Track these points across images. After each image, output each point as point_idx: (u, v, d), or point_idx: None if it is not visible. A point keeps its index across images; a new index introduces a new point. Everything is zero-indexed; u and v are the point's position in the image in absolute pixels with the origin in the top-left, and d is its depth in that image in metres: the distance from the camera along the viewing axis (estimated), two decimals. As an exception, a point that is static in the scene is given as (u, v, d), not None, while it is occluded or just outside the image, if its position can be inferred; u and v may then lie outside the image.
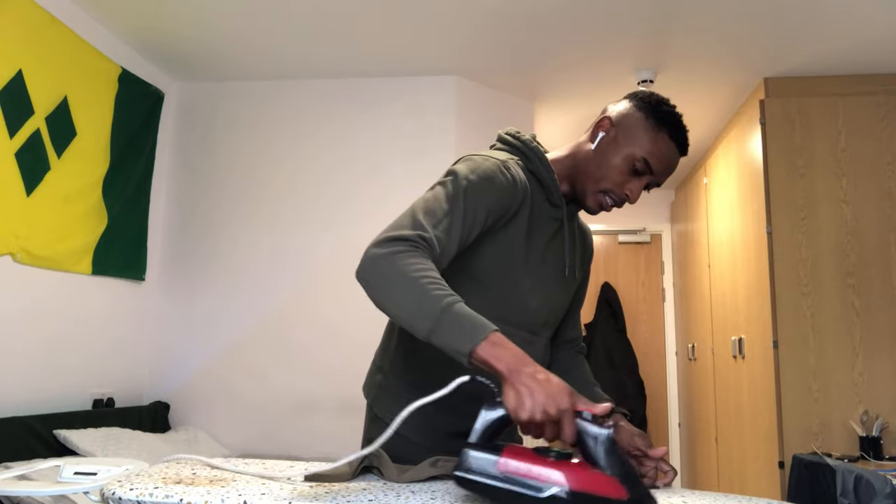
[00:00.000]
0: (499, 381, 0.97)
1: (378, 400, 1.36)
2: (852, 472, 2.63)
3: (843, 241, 3.37)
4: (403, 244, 1.08)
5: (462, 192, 1.17)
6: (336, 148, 3.76)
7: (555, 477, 0.87)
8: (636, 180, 1.26)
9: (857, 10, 2.98)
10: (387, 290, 1.05)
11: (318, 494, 0.94)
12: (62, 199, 2.96)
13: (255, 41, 3.39)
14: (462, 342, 0.98)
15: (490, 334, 0.99)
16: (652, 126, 1.25)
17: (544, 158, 1.31)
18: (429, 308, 1.01)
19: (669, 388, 5.70)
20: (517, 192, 1.24)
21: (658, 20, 3.10)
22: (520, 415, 0.92)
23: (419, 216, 1.13)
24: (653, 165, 1.25)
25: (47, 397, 2.91)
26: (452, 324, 1.00)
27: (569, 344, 1.52)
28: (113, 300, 3.35)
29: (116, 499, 0.92)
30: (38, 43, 2.81)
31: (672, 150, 1.26)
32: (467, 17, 3.12)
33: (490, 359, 0.97)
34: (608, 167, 1.26)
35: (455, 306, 1.01)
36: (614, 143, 1.27)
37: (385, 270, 1.05)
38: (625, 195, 1.27)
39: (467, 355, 0.98)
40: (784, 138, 3.47)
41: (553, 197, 1.31)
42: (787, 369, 3.29)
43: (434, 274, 1.05)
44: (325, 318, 3.60)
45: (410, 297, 1.02)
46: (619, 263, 5.92)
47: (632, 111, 1.28)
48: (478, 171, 1.20)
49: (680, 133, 1.26)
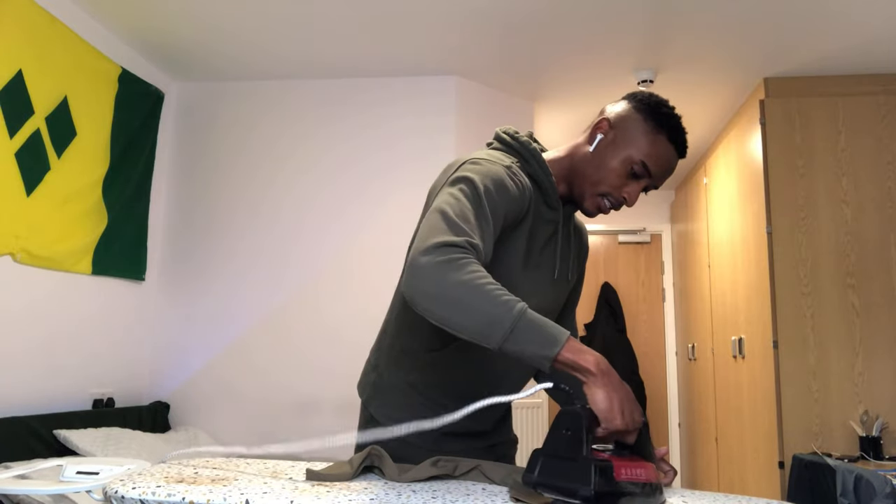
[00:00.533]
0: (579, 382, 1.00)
1: (373, 399, 1.35)
2: (852, 472, 2.63)
3: (843, 241, 3.37)
4: (456, 251, 1.03)
5: (483, 199, 1.14)
6: (336, 148, 3.76)
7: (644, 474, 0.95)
8: (634, 183, 1.25)
9: (857, 10, 2.98)
10: (450, 302, 0.99)
11: (320, 493, 0.94)
12: (62, 199, 2.96)
13: (256, 41, 3.39)
14: (547, 346, 0.97)
15: (569, 337, 0.99)
16: (651, 129, 1.23)
17: (542, 161, 1.30)
18: (504, 315, 0.98)
19: (669, 388, 5.70)
20: (525, 199, 1.23)
21: (658, 20, 3.11)
22: (617, 421, 0.95)
23: (458, 222, 1.07)
24: (651, 168, 1.24)
25: (47, 397, 2.91)
26: (531, 329, 0.98)
27: None
28: (113, 300, 3.35)
29: (119, 497, 0.92)
30: (38, 43, 2.81)
31: (670, 153, 1.25)
32: (467, 18, 3.12)
33: (577, 358, 0.97)
34: (606, 170, 1.25)
35: (529, 313, 0.99)
36: (612, 145, 1.25)
37: (443, 281, 1.00)
38: (623, 198, 1.26)
39: (552, 359, 0.98)
40: (784, 138, 3.47)
41: (550, 200, 1.29)
42: (787, 369, 3.29)
43: (492, 279, 1.02)
44: (326, 318, 3.60)
45: (481, 306, 0.99)
46: (619, 263, 5.92)
47: (631, 113, 1.26)
48: (491, 178, 1.17)
49: (679, 135, 1.25)
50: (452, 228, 1.06)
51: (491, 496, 0.97)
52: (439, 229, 1.05)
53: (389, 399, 1.33)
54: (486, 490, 1.01)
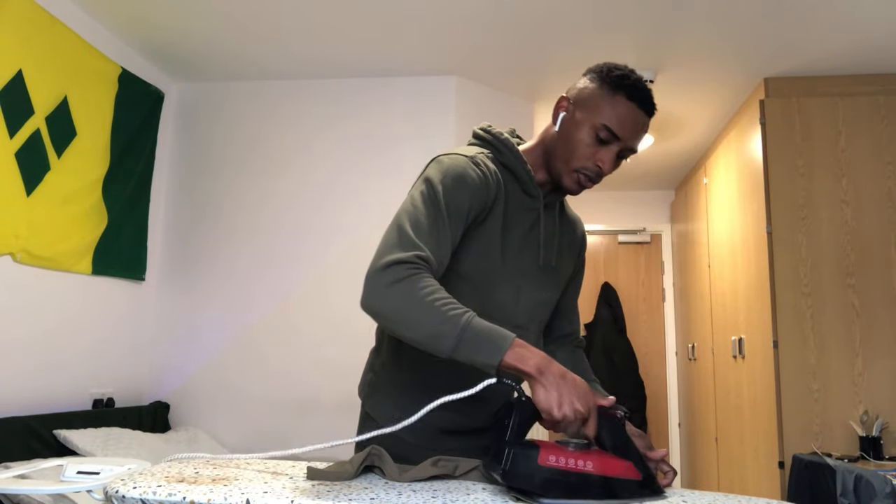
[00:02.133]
0: (525, 381, 1.04)
1: (369, 398, 1.38)
2: (852, 472, 2.63)
3: (843, 241, 3.37)
4: (403, 268, 1.08)
5: (440, 198, 1.18)
6: (336, 147, 3.76)
7: (588, 465, 0.98)
8: (605, 149, 1.25)
9: (857, 10, 2.98)
10: (400, 318, 1.06)
11: (321, 493, 0.94)
12: (62, 199, 2.96)
13: (256, 41, 3.39)
14: (490, 355, 1.03)
15: (513, 342, 1.04)
16: (607, 92, 1.24)
17: (515, 150, 1.32)
18: (448, 328, 1.04)
19: (669, 388, 5.70)
20: (490, 187, 1.25)
21: (658, 20, 3.11)
22: (554, 413, 1.00)
23: (409, 231, 1.13)
24: (616, 131, 1.24)
25: (47, 397, 2.91)
26: (475, 339, 1.04)
27: (566, 338, 1.52)
28: (113, 300, 3.35)
29: (120, 497, 0.92)
30: (38, 43, 2.81)
31: (633, 111, 1.24)
32: (467, 18, 3.12)
33: (518, 363, 1.02)
34: (574, 143, 1.26)
35: (473, 322, 1.05)
36: (575, 119, 1.27)
37: (394, 299, 1.07)
38: (597, 167, 1.26)
39: (496, 366, 1.03)
40: (784, 138, 3.47)
41: (528, 187, 1.31)
42: (787, 369, 3.30)
43: (442, 293, 1.08)
44: (326, 317, 3.60)
45: (427, 321, 1.05)
46: (619, 263, 5.92)
47: (586, 84, 1.28)
48: (449, 173, 1.21)
49: (637, 92, 1.25)
50: (403, 244, 1.12)
51: (491, 496, 0.97)
52: (392, 245, 1.12)
53: (385, 398, 1.35)
54: (487, 490, 1.01)
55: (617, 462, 1.00)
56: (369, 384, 1.39)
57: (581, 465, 0.98)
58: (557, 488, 0.96)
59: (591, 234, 5.94)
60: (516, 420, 1.00)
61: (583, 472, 0.97)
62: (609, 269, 5.92)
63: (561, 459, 0.97)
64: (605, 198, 5.99)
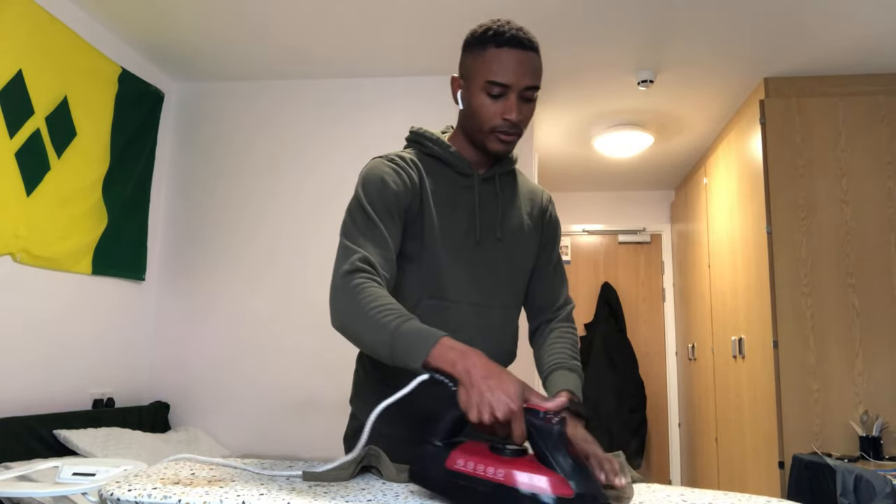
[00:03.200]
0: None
1: (354, 399, 1.42)
2: (852, 472, 2.63)
3: (843, 241, 3.37)
4: (349, 279, 1.14)
5: (365, 203, 1.24)
6: (336, 148, 3.76)
7: (500, 474, 0.88)
8: (503, 102, 1.27)
9: (856, 10, 2.97)
10: (353, 335, 1.12)
11: (317, 494, 0.94)
12: (62, 199, 2.96)
13: (256, 41, 3.39)
14: (413, 358, 1.04)
15: (439, 341, 1.03)
16: (478, 52, 1.28)
17: (434, 137, 1.37)
18: (383, 337, 1.07)
19: (669, 388, 5.69)
20: (407, 176, 1.30)
21: (658, 21, 3.10)
22: (471, 416, 0.96)
23: (347, 243, 1.20)
24: (501, 80, 1.25)
25: (47, 397, 2.91)
26: (403, 344, 1.05)
27: (547, 308, 1.47)
28: (113, 300, 3.35)
29: (115, 500, 0.92)
30: (38, 43, 2.81)
31: (508, 54, 1.26)
32: (467, 18, 3.12)
33: (442, 365, 1.01)
34: (476, 110, 1.29)
35: (402, 327, 1.06)
36: (467, 90, 1.30)
37: (344, 316, 1.12)
38: (506, 120, 1.28)
39: (420, 369, 1.03)
40: (784, 138, 3.47)
41: (459, 167, 1.35)
42: (787, 369, 3.29)
43: (380, 300, 1.11)
44: (326, 318, 3.60)
45: (368, 333, 1.09)
46: (619, 263, 5.92)
47: (462, 57, 1.33)
48: (367, 179, 1.27)
49: (502, 37, 1.26)
50: (344, 256, 1.18)
51: (487, 497, 0.97)
52: (337, 261, 1.19)
53: (365, 396, 1.38)
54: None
55: (547, 475, 0.87)
56: (354, 385, 1.44)
57: (490, 472, 0.89)
58: (463, 496, 0.89)
59: (591, 234, 5.94)
60: (444, 418, 0.98)
61: (490, 480, 0.88)
62: (609, 269, 5.91)
63: (469, 464, 0.90)
64: (605, 198, 5.99)
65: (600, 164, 5.20)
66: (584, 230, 5.96)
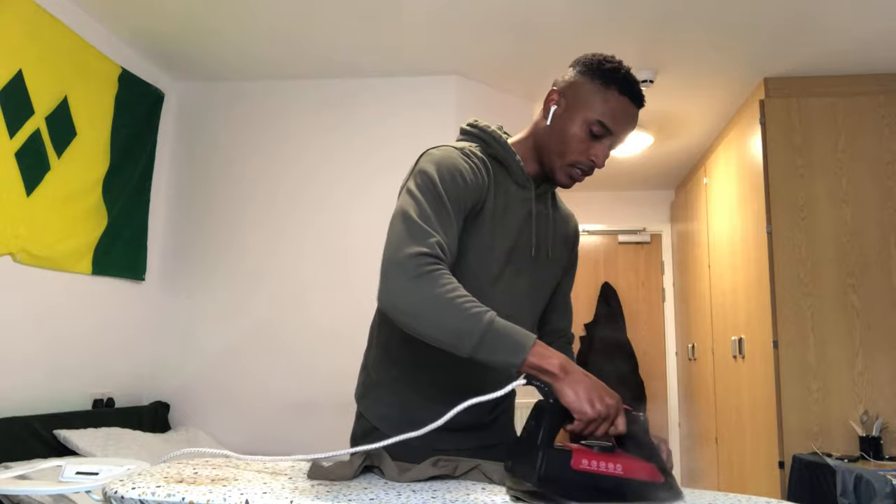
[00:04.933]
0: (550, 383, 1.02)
1: (363, 398, 1.38)
2: (852, 472, 2.63)
3: (843, 241, 3.37)
4: (423, 261, 1.07)
5: (440, 189, 1.18)
6: (336, 148, 3.76)
7: (618, 468, 0.97)
8: (598, 144, 1.25)
9: (856, 10, 2.98)
10: (422, 315, 1.06)
11: (320, 493, 0.94)
12: (62, 199, 2.96)
13: (256, 41, 3.39)
14: (513, 354, 1.03)
15: (535, 342, 1.04)
16: (599, 87, 1.24)
17: (503, 141, 1.32)
18: (471, 326, 1.04)
19: (669, 388, 5.70)
20: (481, 176, 1.25)
21: (658, 20, 3.10)
22: (588, 411, 0.98)
23: (419, 221, 1.12)
24: (610, 125, 1.23)
25: (47, 397, 2.90)
26: (498, 339, 1.03)
27: (556, 333, 1.51)
28: (113, 300, 3.35)
29: (119, 498, 0.92)
30: (38, 43, 2.81)
31: (626, 105, 1.24)
32: (467, 18, 3.12)
33: (541, 363, 1.02)
34: (567, 138, 1.25)
35: (496, 321, 1.05)
36: (567, 112, 1.26)
37: (414, 295, 1.06)
38: (591, 161, 1.26)
39: (518, 366, 1.03)
40: (784, 138, 3.47)
41: (519, 178, 1.31)
42: (787, 369, 3.29)
43: (462, 290, 1.07)
44: (327, 317, 3.59)
45: (449, 320, 1.04)
46: (619, 263, 5.92)
47: (577, 77, 1.27)
48: (443, 164, 1.21)
49: (628, 86, 1.24)
50: (416, 236, 1.10)
51: (491, 496, 0.97)
52: (404, 238, 1.09)
53: (378, 397, 1.36)
54: (486, 490, 1.01)
55: (642, 465, 0.99)
56: (362, 384, 1.40)
57: (612, 468, 0.97)
58: (589, 492, 0.95)
59: (591, 234, 5.94)
60: (547, 423, 0.99)
61: (613, 475, 0.97)
62: (609, 269, 5.91)
63: (593, 463, 0.97)
64: (605, 198, 5.99)
65: (600, 164, 5.20)
66: (583, 230, 5.96)
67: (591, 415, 0.98)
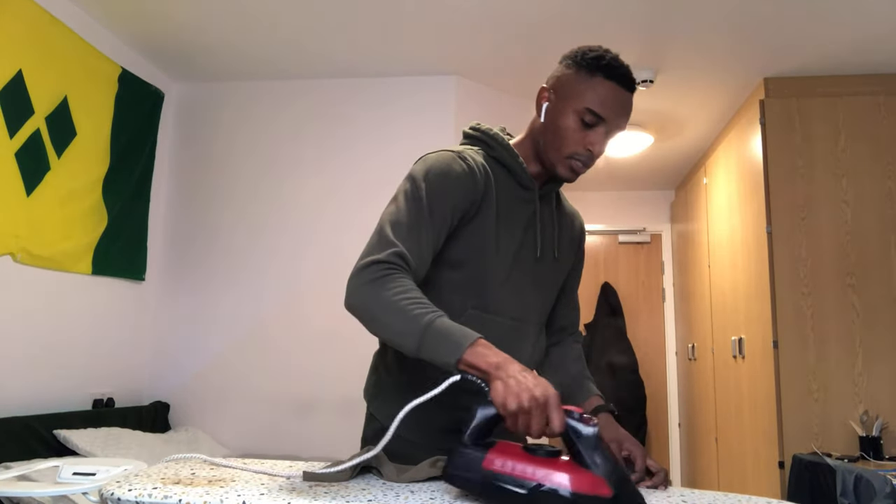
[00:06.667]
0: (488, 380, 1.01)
1: (374, 400, 1.39)
2: (852, 472, 2.63)
3: (843, 241, 3.36)
4: (378, 268, 1.12)
5: (423, 194, 1.19)
6: (336, 148, 3.76)
7: (539, 474, 0.88)
8: (592, 132, 1.25)
9: (856, 10, 2.97)
10: (373, 319, 1.10)
11: (318, 494, 0.94)
12: (62, 199, 2.96)
13: (256, 41, 3.39)
14: (449, 354, 1.03)
15: (476, 341, 1.04)
16: (584, 76, 1.24)
17: (505, 143, 1.33)
18: (412, 328, 1.06)
19: (669, 388, 5.69)
20: (478, 179, 1.25)
21: (658, 20, 3.10)
22: (508, 404, 0.94)
23: (388, 232, 1.16)
24: (600, 112, 1.23)
25: (47, 397, 2.91)
26: (437, 339, 1.05)
27: (564, 331, 1.51)
28: (113, 300, 3.35)
29: (115, 499, 0.92)
30: (38, 43, 2.81)
31: (614, 90, 1.24)
32: (467, 18, 3.12)
33: (477, 361, 1.01)
34: (562, 131, 1.26)
35: (436, 322, 1.06)
36: (558, 106, 1.27)
37: (367, 300, 1.11)
38: (588, 151, 1.26)
39: (454, 365, 1.03)
40: (784, 138, 3.47)
41: (522, 180, 1.32)
42: (787, 369, 3.29)
43: (412, 293, 1.10)
44: (327, 317, 3.59)
45: (395, 322, 1.08)
46: (619, 263, 5.92)
47: (563, 71, 1.28)
48: (433, 169, 1.22)
49: (615, 70, 1.24)
50: (382, 244, 1.15)
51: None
52: (372, 247, 1.16)
53: (387, 398, 1.36)
54: (484, 491, 1.01)
55: (584, 475, 0.88)
56: (373, 385, 1.40)
57: (529, 472, 0.88)
58: (501, 496, 0.89)
59: (591, 234, 5.94)
60: (476, 418, 0.97)
61: (531, 480, 0.87)
62: (609, 269, 5.91)
63: (507, 464, 0.89)
64: (605, 198, 5.99)
65: (600, 163, 5.20)
66: (584, 230, 5.95)
67: (511, 408, 0.94)
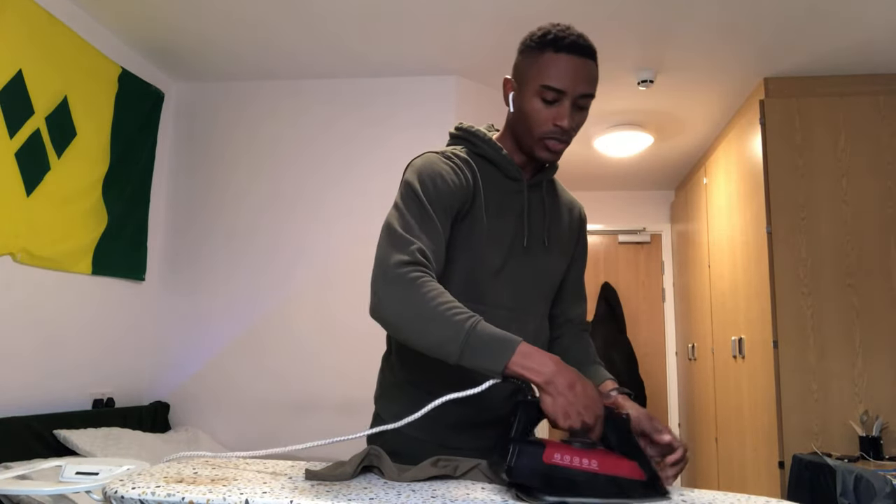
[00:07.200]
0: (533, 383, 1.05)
1: (380, 398, 1.41)
2: (852, 472, 2.63)
3: (843, 241, 3.37)
4: (406, 270, 1.10)
5: (420, 195, 1.21)
6: (336, 148, 3.76)
7: (593, 464, 1.00)
8: (557, 108, 1.25)
9: (856, 10, 2.98)
10: (407, 326, 1.08)
11: (320, 493, 0.94)
12: (62, 199, 2.96)
13: (256, 41, 3.39)
14: (494, 362, 1.03)
15: (518, 347, 1.04)
16: (535, 55, 1.25)
17: (487, 138, 1.35)
18: (453, 334, 1.05)
19: (669, 388, 5.70)
20: (463, 175, 1.28)
21: (658, 20, 3.10)
22: (560, 423, 1.01)
23: (400, 232, 1.15)
24: (557, 85, 1.23)
25: (47, 397, 2.91)
26: (479, 346, 1.04)
27: (571, 322, 1.51)
28: (113, 300, 3.35)
29: (119, 498, 0.92)
30: (38, 43, 2.81)
31: (566, 60, 1.23)
32: (467, 18, 3.12)
33: (524, 372, 1.02)
34: (528, 114, 1.26)
35: (478, 327, 1.05)
36: (520, 93, 1.28)
37: (399, 306, 1.08)
38: (557, 127, 1.25)
39: (500, 373, 1.03)
40: (784, 138, 3.47)
41: (509, 171, 1.34)
42: (787, 369, 3.29)
43: (446, 296, 1.08)
44: (327, 317, 3.60)
45: (433, 328, 1.06)
46: (619, 263, 5.92)
47: (518, 59, 1.30)
48: (423, 172, 1.24)
49: (562, 42, 1.23)
50: (398, 245, 1.13)
51: (491, 495, 0.97)
52: (388, 250, 1.13)
53: (393, 397, 1.37)
54: (486, 490, 1.01)
55: (622, 462, 1.01)
56: (380, 386, 1.42)
57: (585, 463, 0.99)
58: (561, 486, 0.97)
59: (592, 234, 5.94)
60: (522, 418, 1.01)
61: (587, 470, 0.99)
62: (609, 269, 5.91)
63: (566, 457, 0.99)
64: (605, 198, 5.99)
65: (600, 163, 5.20)
66: (583, 230, 5.95)
67: (563, 426, 1.01)
